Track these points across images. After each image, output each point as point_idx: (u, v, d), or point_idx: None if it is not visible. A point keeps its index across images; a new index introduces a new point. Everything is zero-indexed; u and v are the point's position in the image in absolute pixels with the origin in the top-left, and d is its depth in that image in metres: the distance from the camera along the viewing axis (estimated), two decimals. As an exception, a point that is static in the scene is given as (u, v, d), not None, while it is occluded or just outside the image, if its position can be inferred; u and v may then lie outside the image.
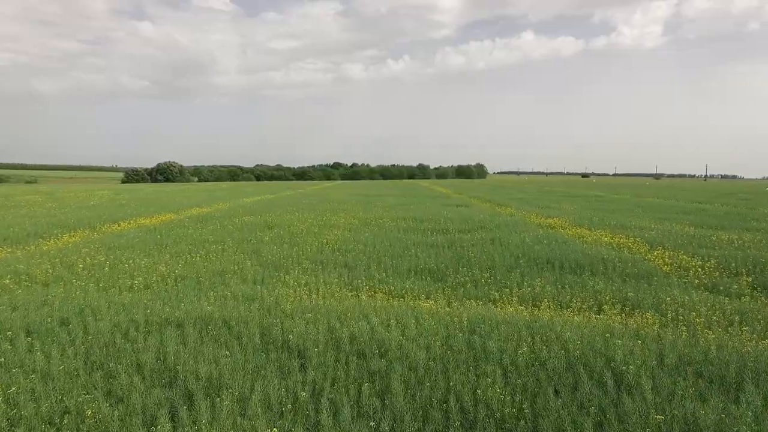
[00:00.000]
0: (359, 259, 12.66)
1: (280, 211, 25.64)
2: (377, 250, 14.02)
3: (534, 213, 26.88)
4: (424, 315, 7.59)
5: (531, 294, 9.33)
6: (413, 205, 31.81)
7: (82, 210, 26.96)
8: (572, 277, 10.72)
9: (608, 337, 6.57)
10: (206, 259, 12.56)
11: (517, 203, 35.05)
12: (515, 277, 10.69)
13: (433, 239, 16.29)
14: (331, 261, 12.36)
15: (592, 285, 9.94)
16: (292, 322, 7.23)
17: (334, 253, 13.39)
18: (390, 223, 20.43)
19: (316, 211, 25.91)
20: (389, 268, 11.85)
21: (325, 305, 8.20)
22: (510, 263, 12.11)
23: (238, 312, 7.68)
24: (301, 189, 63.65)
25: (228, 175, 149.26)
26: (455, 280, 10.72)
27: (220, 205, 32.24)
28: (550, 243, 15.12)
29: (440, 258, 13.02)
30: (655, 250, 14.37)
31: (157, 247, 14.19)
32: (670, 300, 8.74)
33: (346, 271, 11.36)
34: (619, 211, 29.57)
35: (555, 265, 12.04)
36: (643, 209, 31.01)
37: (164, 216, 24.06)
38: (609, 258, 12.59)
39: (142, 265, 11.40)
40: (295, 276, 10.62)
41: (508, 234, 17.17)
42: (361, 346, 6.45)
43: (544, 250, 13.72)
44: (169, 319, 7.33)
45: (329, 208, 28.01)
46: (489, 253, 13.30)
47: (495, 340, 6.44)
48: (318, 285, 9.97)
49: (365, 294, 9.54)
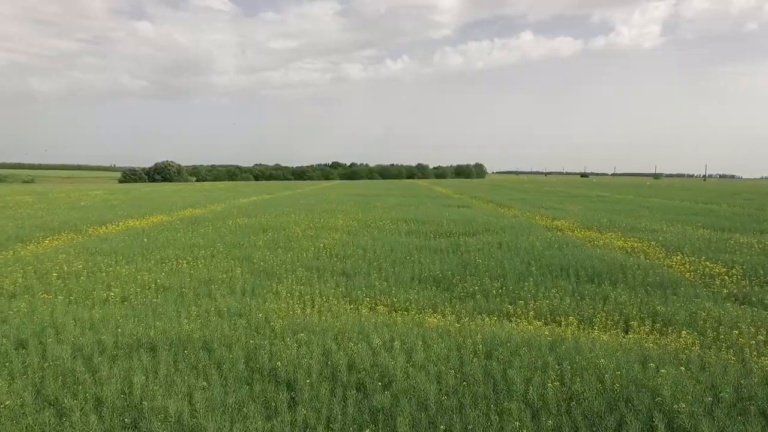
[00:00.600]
0: (358, 265, 11.75)
1: (276, 213, 24.73)
2: (377, 255, 13.12)
3: (538, 214, 26.00)
4: (432, 334, 6.69)
5: (548, 307, 8.43)
6: (413, 205, 30.91)
7: (72, 211, 26.01)
8: (591, 287, 9.81)
9: (646, 363, 5.67)
10: (193, 266, 11.65)
11: (519, 204, 34.17)
12: (529, 287, 9.79)
13: (437, 243, 15.39)
14: (328, 268, 11.45)
15: (614, 297, 9.04)
16: (283, 344, 6.32)
17: (331, 259, 12.48)
18: (390, 226, 19.53)
19: (313, 212, 25.00)
20: (391, 275, 10.94)
21: (320, 322, 7.29)
22: (521, 271, 11.21)
23: (221, 331, 6.77)
24: (300, 189, 62.70)
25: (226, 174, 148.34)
26: (463, 290, 9.82)
27: (215, 206, 31.30)
28: (561, 247, 14.23)
29: (445, 264, 12.13)
30: (674, 255, 13.48)
31: (142, 252, 13.27)
32: (705, 315, 7.85)
33: (344, 280, 10.46)
34: (625, 212, 28.67)
35: (570, 272, 11.15)
36: (650, 210, 30.14)
37: (155, 218, 23.12)
38: (627, 265, 11.70)
39: (122, 274, 10.48)
40: (288, 286, 9.71)
41: (516, 237, 16.27)
42: (360, 374, 5.54)
43: (556, 255, 12.83)
44: (142, 341, 6.42)
45: (327, 209, 27.09)
46: (497, 259, 12.40)
47: (517, 368, 5.54)
48: (313, 296, 9.06)
49: (365, 307, 8.63)
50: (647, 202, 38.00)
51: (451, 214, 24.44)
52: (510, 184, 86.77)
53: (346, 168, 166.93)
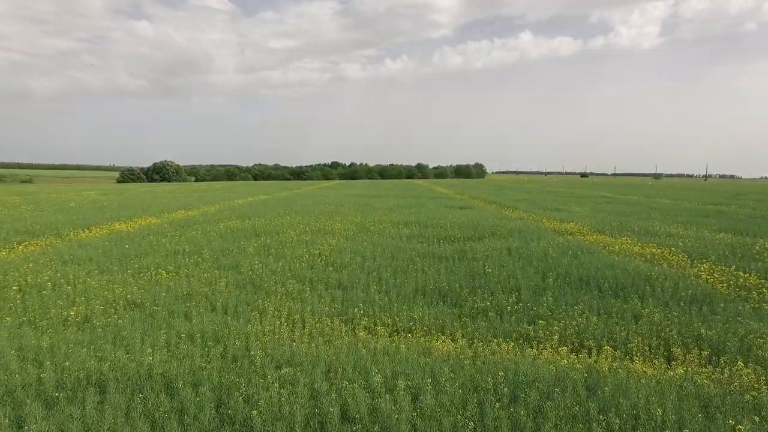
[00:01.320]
0: (356, 276, 10.64)
1: (271, 215, 23.60)
2: (377, 264, 12.01)
3: (545, 216, 24.89)
4: (443, 368, 5.58)
5: (574, 329, 7.32)
6: (414, 207, 29.79)
7: (58, 213, 24.88)
8: (617, 303, 8.71)
9: (711, 412, 4.58)
10: (174, 276, 10.53)
11: (523, 205, 33.05)
12: (547, 302, 8.68)
13: (441, 249, 14.28)
14: (322, 279, 10.33)
15: (647, 315, 7.94)
16: (263, 382, 5.22)
17: (326, 269, 11.37)
18: (391, 229, 18.41)
19: (310, 214, 23.87)
20: (392, 288, 9.84)
21: (310, 351, 6.18)
22: (537, 282, 10.10)
23: (190, 364, 5.66)
24: (297, 189, 61.54)
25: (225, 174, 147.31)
26: (474, 306, 8.71)
27: (208, 207, 30.17)
28: (576, 255, 13.12)
29: (452, 274, 11.02)
30: (699, 263, 12.38)
31: (120, 260, 12.15)
32: (759, 341, 6.75)
33: (340, 294, 9.34)
34: (634, 214, 27.57)
35: (591, 284, 10.05)
36: (659, 212, 29.05)
37: (144, 220, 22.00)
38: (652, 275, 10.60)
39: (91, 287, 9.36)
40: (276, 302, 8.60)
41: (526, 243, 15.16)
42: (356, 428, 4.44)
43: (573, 264, 11.72)
44: (92, 378, 5.31)
45: (325, 211, 25.98)
46: (509, 269, 11.29)
47: (552, 419, 4.44)
48: (304, 315, 7.95)
49: (363, 329, 7.53)
50: (654, 203, 36.93)
51: (454, 217, 23.34)
52: (511, 185, 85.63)
53: (345, 168, 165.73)
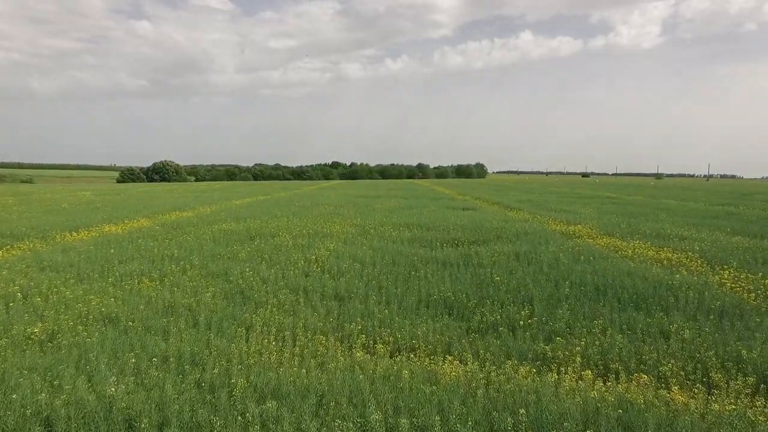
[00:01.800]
0: (354, 284, 9.85)
1: (268, 217, 22.83)
2: (377, 270, 11.23)
3: (551, 218, 24.11)
4: (454, 402, 4.80)
5: (598, 349, 6.53)
6: (416, 208, 29.01)
7: (48, 215, 24.12)
8: (641, 317, 7.92)
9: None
10: (157, 285, 9.75)
11: (527, 206, 32.25)
12: (563, 316, 7.90)
13: (445, 254, 13.49)
14: (317, 289, 9.54)
15: (676, 331, 7.16)
16: (242, 420, 4.44)
17: (322, 277, 10.58)
18: (392, 232, 17.63)
19: (308, 216, 23.09)
20: (393, 298, 9.05)
21: (299, 378, 5.39)
22: (550, 292, 9.30)
23: (160, 395, 4.88)
24: (297, 189, 60.74)
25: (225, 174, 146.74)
26: (482, 320, 7.93)
27: (204, 208, 29.40)
28: (589, 260, 12.33)
29: (457, 282, 10.23)
30: (721, 269, 11.58)
31: (102, 266, 11.38)
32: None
33: (337, 306, 8.56)
34: (641, 215, 26.76)
35: (608, 294, 9.25)
36: (667, 213, 28.25)
37: (136, 222, 21.23)
38: (673, 284, 9.81)
39: (65, 297, 8.58)
40: (266, 315, 7.82)
41: (533, 247, 14.37)
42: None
43: (587, 271, 10.93)
44: (41, 414, 4.52)
45: (324, 212, 25.19)
46: (519, 276, 10.50)
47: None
48: (296, 331, 7.17)
49: (360, 347, 6.75)
50: (660, 204, 36.12)
51: (457, 218, 22.55)
52: (513, 185, 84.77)
53: (346, 168, 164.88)
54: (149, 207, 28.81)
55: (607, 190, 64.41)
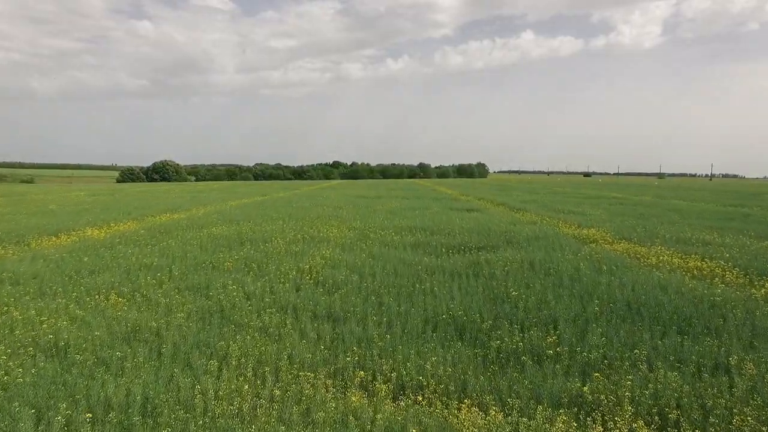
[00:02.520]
0: (351, 301, 8.64)
1: (263, 219, 21.63)
2: (377, 283, 10.01)
3: (560, 220, 22.89)
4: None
5: (651, 392, 5.31)
6: (418, 209, 27.80)
7: (32, 217, 22.95)
8: (689, 345, 6.70)
9: None
10: (126, 302, 8.55)
11: (533, 207, 31.05)
12: (597, 343, 6.69)
13: (452, 262, 12.28)
14: (309, 307, 8.33)
15: (737, 365, 5.94)
16: None
17: (315, 291, 9.37)
18: (393, 237, 16.42)
19: (305, 218, 21.88)
20: (395, 318, 7.85)
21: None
22: (576, 311, 8.08)
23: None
24: (297, 190, 59.53)
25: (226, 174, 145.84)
26: (501, 347, 6.72)
27: (198, 209, 28.22)
28: (612, 270, 11.11)
29: (468, 297, 9.02)
30: (761, 282, 10.35)
31: (70, 278, 10.18)
32: None
33: (330, 329, 7.35)
34: (654, 217, 25.53)
35: (643, 314, 8.03)
36: (680, 215, 27.03)
37: (122, 225, 20.04)
38: (716, 301, 8.58)
39: (12, 319, 7.37)
40: (245, 342, 6.61)
41: (548, 254, 13.16)
42: None
43: (614, 284, 9.70)
44: None
45: (322, 214, 23.98)
46: (537, 291, 9.27)
47: None
48: (279, 364, 5.97)
49: (356, 386, 5.54)
50: (670, 205, 34.88)
51: (462, 221, 21.34)
52: (515, 185, 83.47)
53: (347, 167, 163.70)
54: (141, 208, 27.63)
55: (611, 190, 63.14)
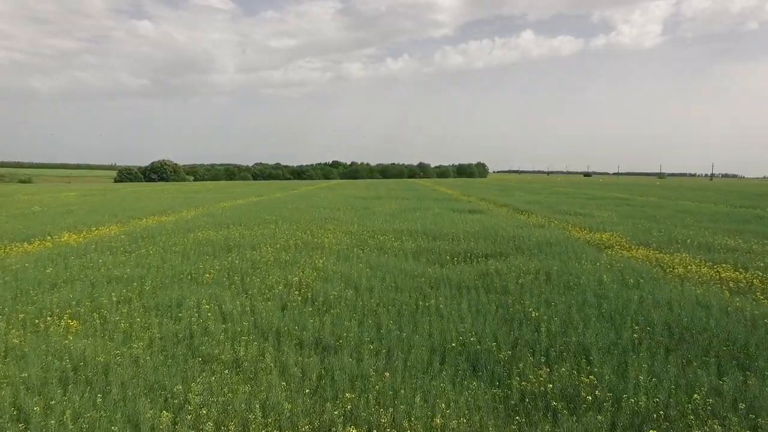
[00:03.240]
0: (343, 324, 7.40)
1: (255, 222, 20.38)
2: (375, 299, 8.78)
3: (568, 223, 21.64)
4: None
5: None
6: (419, 211, 26.55)
7: (10, 221, 21.70)
8: (757, 385, 5.47)
9: None
10: (80, 326, 7.29)
11: (538, 208, 29.78)
12: (645, 384, 5.44)
13: (458, 273, 11.04)
14: (294, 332, 7.08)
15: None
16: None
17: (303, 309, 8.11)
18: (393, 242, 15.17)
19: (299, 221, 20.62)
20: (395, 346, 6.61)
21: None
22: (610, 336, 6.83)
23: None
24: (294, 190, 58.23)
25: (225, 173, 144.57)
26: (526, 389, 5.48)
27: (188, 211, 26.95)
28: (639, 283, 9.88)
29: (480, 318, 7.79)
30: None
31: (24, 294, 8.92)
32: None
33: (318, 362, 6.10)
34: (665, 219, 24.31)
35: (687, 340, 6.79)
36: (692, 217, 25.80)
37: (104, 229, 18.78)
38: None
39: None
40: (210, 383, 5.36)
41: (564, 263, 11.93)
42: None
43: (647, 302, 8.46)
44: None
45: (318, 216, 22.71)
46: (560, 311, 8.02)
47: None
48: (248, 417, 4.73)
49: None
50: (678, 206, 33.65)
51: (466, 224, 20.11)
52: (516, 184, 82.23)
53: (346, 167, 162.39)
54: (129, 210, 26.36)
55: (614, 190, 61.92)
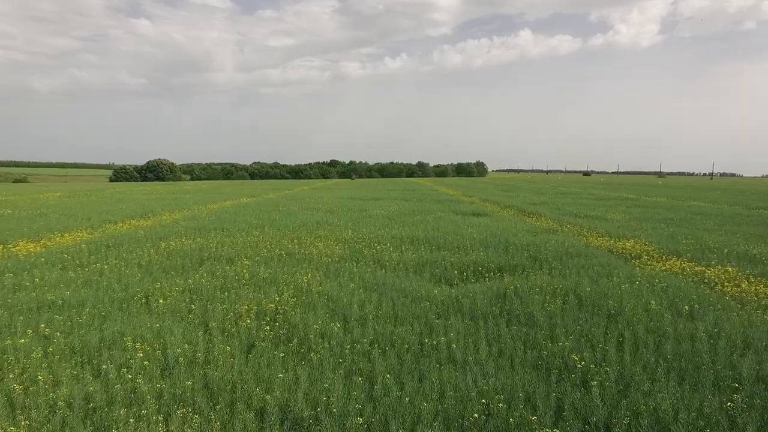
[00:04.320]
0: (325, 378, 5.49)
1: (238, 228, 18.46)
2: (369, 334, 6.87)
3: (582, 227, 19.76)
4: None
5: None
6: (419, 214, 24.63)
7: (-29, 224, 19.71)
8: None
9: None
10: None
11: (545, 210, 27.88)
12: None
13: (470, 294, 9.11)
14: (255, 394, 5.16)
15: None
16: None
17: (273, 354, 6.17)
18: (392, 253, 13.28)
19: (288, 227, 18.70)
20: (395, 417, 4.72)
21: None
22: (695, 404, 4.95)
23: None
24: (289, 190, 56.21)
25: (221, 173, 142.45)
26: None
27: (171, 214, 25.00)
28: (694, 311, 8.00)
29: (506, 365, 5.90)
30: None
31: None
32: None
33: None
34: (685, 222, 22.53)
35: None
36: (712, 220, 24.02)
37: (69, 236, 16.82)
38: None
39: None
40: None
41: (593, 280, 10.04)
42: None
43: (717, 340, 6.57)
44: None
45: (309, 221, 20.78)
46: (611, 356, 6.10)
47: None
48: None
49: None
50: (691, 207, 31.85)
51: (471, 229, 18.23)
52: (517, 184, 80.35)
53: (344, 166, 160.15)
54: (105, 213, 24.37)
55: (619, 189, 60.03)
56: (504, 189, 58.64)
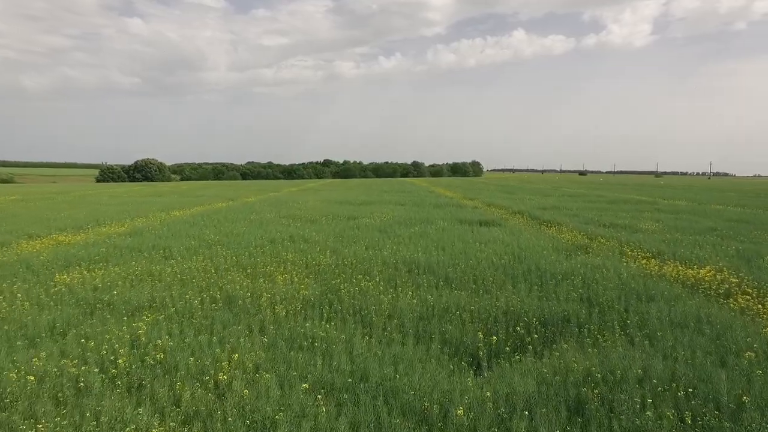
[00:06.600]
0: None
1: (185, 246, 14.31)
2: None
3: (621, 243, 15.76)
4: None
5: None
6: (418, 224, 20.46)
7: None
8: None
9: None
10: None
11: (562, 218, 23.68)
12: None
13: (517, 396, 5.03)
14: None
15: None
16: None
17: None
18: (381, 295, 9.17)
19: (249, 246, 14.53)
20: None
21: None
22: None
23: None
24: (274, 192, 51.85)
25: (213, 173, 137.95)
26: None
27: (114, 225, 20.75)
28: None
29: None
30: None
31: None
32: None
33: None
34: (740, 235, 18.54)
35: None
36: (758, 227, 20.20)
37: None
38: None
39: None
40: None
41: (706, 354, 6.01)
42: None
43: None
44: None
45: (279, 236, 16.56)
46: None
47: None
48: None
49: None
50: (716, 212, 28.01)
51: (486, 247, 14.23)
52: (516, 184, 76.41)
53: (338, 166, 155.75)
54: (38, 223, 20.06)
55: (624, 190, 56.21)
56: (505, 190, 54.58)
